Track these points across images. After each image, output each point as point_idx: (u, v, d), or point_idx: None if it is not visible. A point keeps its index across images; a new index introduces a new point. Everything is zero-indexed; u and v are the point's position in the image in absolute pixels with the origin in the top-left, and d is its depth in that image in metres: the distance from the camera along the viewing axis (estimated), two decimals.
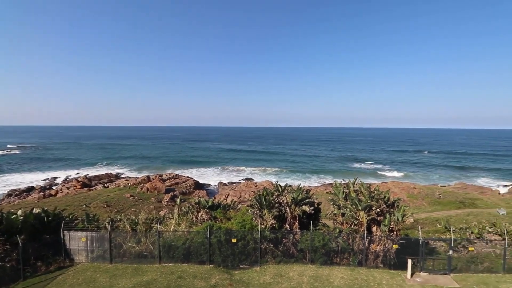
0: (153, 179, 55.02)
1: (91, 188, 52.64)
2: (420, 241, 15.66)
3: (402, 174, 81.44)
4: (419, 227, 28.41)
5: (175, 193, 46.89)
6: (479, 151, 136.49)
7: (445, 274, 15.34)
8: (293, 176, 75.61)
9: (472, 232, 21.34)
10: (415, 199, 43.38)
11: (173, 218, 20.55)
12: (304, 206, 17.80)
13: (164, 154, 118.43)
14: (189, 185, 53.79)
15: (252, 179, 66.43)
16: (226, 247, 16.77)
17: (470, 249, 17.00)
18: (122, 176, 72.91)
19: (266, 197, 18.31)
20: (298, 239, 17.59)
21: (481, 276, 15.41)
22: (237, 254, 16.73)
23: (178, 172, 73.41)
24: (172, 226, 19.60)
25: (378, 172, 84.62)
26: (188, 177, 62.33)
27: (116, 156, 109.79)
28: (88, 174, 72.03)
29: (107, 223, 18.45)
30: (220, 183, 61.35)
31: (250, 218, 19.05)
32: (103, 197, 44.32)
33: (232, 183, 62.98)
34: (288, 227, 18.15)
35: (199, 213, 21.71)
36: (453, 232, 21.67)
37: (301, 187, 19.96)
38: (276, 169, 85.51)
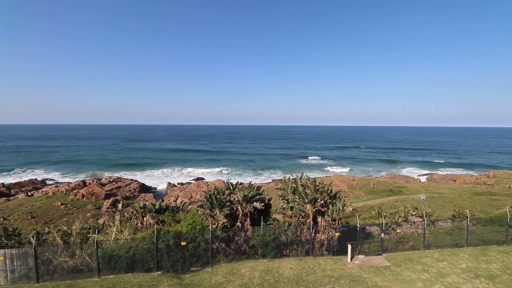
0: (89, 183, 49.36)
1: (10, 198, 44.58)
2: (358, 227, 17.33)
3: (343, 167, 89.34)
4: (357, 214, 31.57)
5: (116, 198, 42.89)
6: (405, 146, 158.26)
7: (379, 254, 17.30)
8: (245, 173, 76.41)
9: (399, 216, 24.50)
10: (354, 190, 47.98)
11: (114, 225, 18.76)
12: (255, 203, 18.08)
13: (103, 156, 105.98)
14: (134, 189, 49.76)
15: (204, 179, 64.88)
16: (176, 251, 16.02)
17: (398, 231, 19.52)
18: (51, 182, 63.58)
19: (217, 196, 18.04)
20: (250, 235, 17.78)
21: (406, 253, 17.77)
22: (188, 257, 16.14)
23: (121, 175, 67.34)
24: (113, 234, 17.90)
25: (323, 166, 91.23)
26: (132, 180, 57.66)
27: (42, 160, 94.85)
28: (4, 182, 60.91)
29: (31, 237, 15.86)
30: (169, 185, 58.29)
31: (201, 219, 18.57)
32: (26, 207, 38.08)
33: (182, 184, 60.39)
34: (240, 224, 18.22)
35: (145, 218, 20.31)
36: (384, 217, 24.59)
37: (252, 184, 20.21)
38: (228, 167, 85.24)
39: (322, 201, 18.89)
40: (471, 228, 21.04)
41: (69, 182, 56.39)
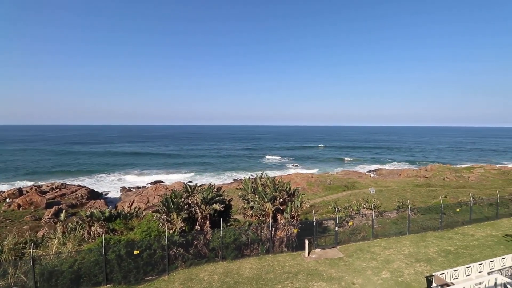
0: (27, 192, 43.65)
1: None
2: (314, 222, 18.05)
3: (303, 165, 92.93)
4: (315, 210, 33.02)
5: (60, 206, 38.53)
6: (359, 144, 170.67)
7: (333, 247, 18.25)
8: (206, 175, 74.73)
9: (353, 209, 26.19)
10: (312, 187, 50.14)
11: (56, 237, 16.78)
12: (214, 204, 17.69)
13: (41, 161, 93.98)
14: (81, 195, 45.21)
15: (162, 182, 61.89)
16: (128, 261, 14.89)
17: (350, 223, 20.81)
18: None
19: (174, 200, 17.26)
20: (210, 238, 17.37)
21: (358, 244, 19.04)
22: (142, 266, 15.12)
23: (65, 181, 60.62)
24: (54, 247, 15.98)
25: (284, 165, 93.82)
26: (79, 186, 52.38)
27: None
28: None
29: None
30: (123, 189, 54.31)
31: (157, 224, 17.60)
32: None
33: (138, 188, 56.72)
34: (199, 227, 17.66)
35: (93, 228, 18.53)
36: (339, 211, 26.09)
37: (212, 186, 19.78)
38: (189, 169, 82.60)
39: (281, 199, 19.26)
40: (413, 217, 23.39)
41: (1, 191, 49.12)
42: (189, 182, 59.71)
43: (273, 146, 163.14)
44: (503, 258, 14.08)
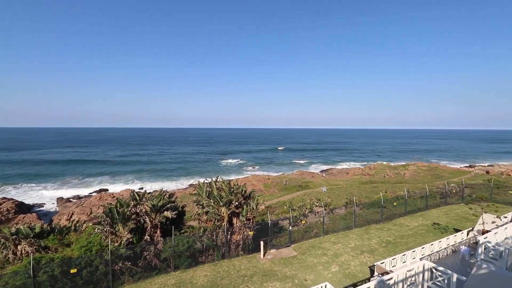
0: None
1: None
2: (269, 223, 18.31)
3: (260, 168, 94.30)
4: (272, 211, 33.66)
5: None
6: (312, 147, 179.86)
7: (288, 246, 18.73)
8: (158, 181, 70.49)
9: (306, 208, 27.29)
10: (269, 188, 51.07)
11: None
12: (166, 212, 16.77)
13: None
14: (7, 209, 38.79)
15: (108, 190, 56.68)
16: (64, 281, 13.19)
17: (303, 222, 21.63)
18: None
19: (120, 209, 15.88)
20: (161, 248, 16.36)
21: (311, 241, 19.87)
22: (81, 286, 13.51)
23: None
24: None
25: (242, 168, 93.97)
26: (4, 198, 44.95)
27: None
28: None
29: None
30: (61, 200, 48.20)
31: (99, 238, 16.01)
32: None
33: (79, 197, 50.94)
34: (149, 237, 16.52)
35: (19, 246, 16.02)
36: (293, 211, 26.99)
37: (163, 192, 18.74)
38: (139, 175, 76.89)
39: (237, 202, 19.14)
40: (358, 212, 25.35)
41: None
42: (140, 189, 55.94)
43: (230, 149, 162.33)
44: (431, 245, 16.06)
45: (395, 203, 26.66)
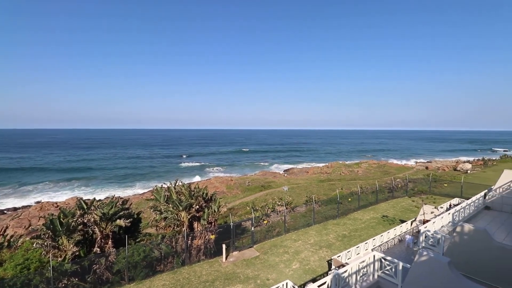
0: None
1: None
2: (231, 225, 18.10)
3: (223, 169, 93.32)
4: (235, 212, 33.44)
5: None
6: (273, 148, 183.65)
7: (250, 247, 18.72)
8: (112, 187, 65.09)
9: (269, 208, 27.67)
10: (232, 189, 50.77)
11: None
12: (118, 220, 15.49)
13: None
14: None
15: (52, 200, 50.72)
16: None
17: (265, 222, 21.86)
18: None
19: (63, 220, 14.25)
20: (114, 259, 15.09)
21: (273, 240, 20.12)
22: None
23: None
24: None
25: (204, 170, 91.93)
26: None
27: None
28: None
29: None
30: None
31: (39, 253, 14.20)
32: None
33: (15, 209, 44.64)
34: (99, 249, 15.12)
35: None
36: (256, 211, 27.19)
37: (115, 199, 17.33)
38: (88, 182, 70.00)
39: (198, 206, 18.57)
40: (317, 209, 26.52)
41: None
42: (94, 197, 51.09)
43: (191, 151, 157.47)
44: (381, 236, 17.40)
45: (349, 199, 28.46)
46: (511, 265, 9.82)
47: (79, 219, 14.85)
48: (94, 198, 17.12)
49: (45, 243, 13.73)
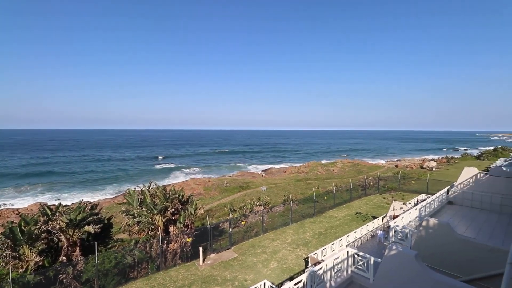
0: None
1: None
2: (209, 227, 17.83)
3: (201, 170, 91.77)
4: (213, 214, 32.99)
5: None
6: (252, 148, 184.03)
7: (228, 249, 18.56)
8: (80, 191, 60.94)
9: (247, 208, 27.62)
10: (209, 191, 50.07)
11: None
12: (87, 226, 14.64)
13: None
14: None
15: (12, 205, 46.82)
16: None
17: (243, 222, 21.77)
18: None
19: (25, 228, 13.19)
20: (82, 268, 14.23)
21: (251, 240, 20.12)
22: None
23: None
24: None
25: (180, 172, 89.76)
26: None
27: None
28: None
29: None
30: None
31: None
32: None
33: None
34: (65, 258, 14.18)
35: None
36: (234, 212, 27.03)
37: (84, 204, 16.37)
38: (53, 186, 65.17)
39: (173, 209, 18.09)
40: (295, 208, 26.93)
41: None
42: (60, 202, 47.80)
43: (167, 152, 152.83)
44: (354, 232, 18.06)
45: (325, 198, 29.25)
46: (471, 256, 10.64)
47: (43, 226, 13.83)
48: (60, 204, 16.01)
49: (4, 254, 12.64)
